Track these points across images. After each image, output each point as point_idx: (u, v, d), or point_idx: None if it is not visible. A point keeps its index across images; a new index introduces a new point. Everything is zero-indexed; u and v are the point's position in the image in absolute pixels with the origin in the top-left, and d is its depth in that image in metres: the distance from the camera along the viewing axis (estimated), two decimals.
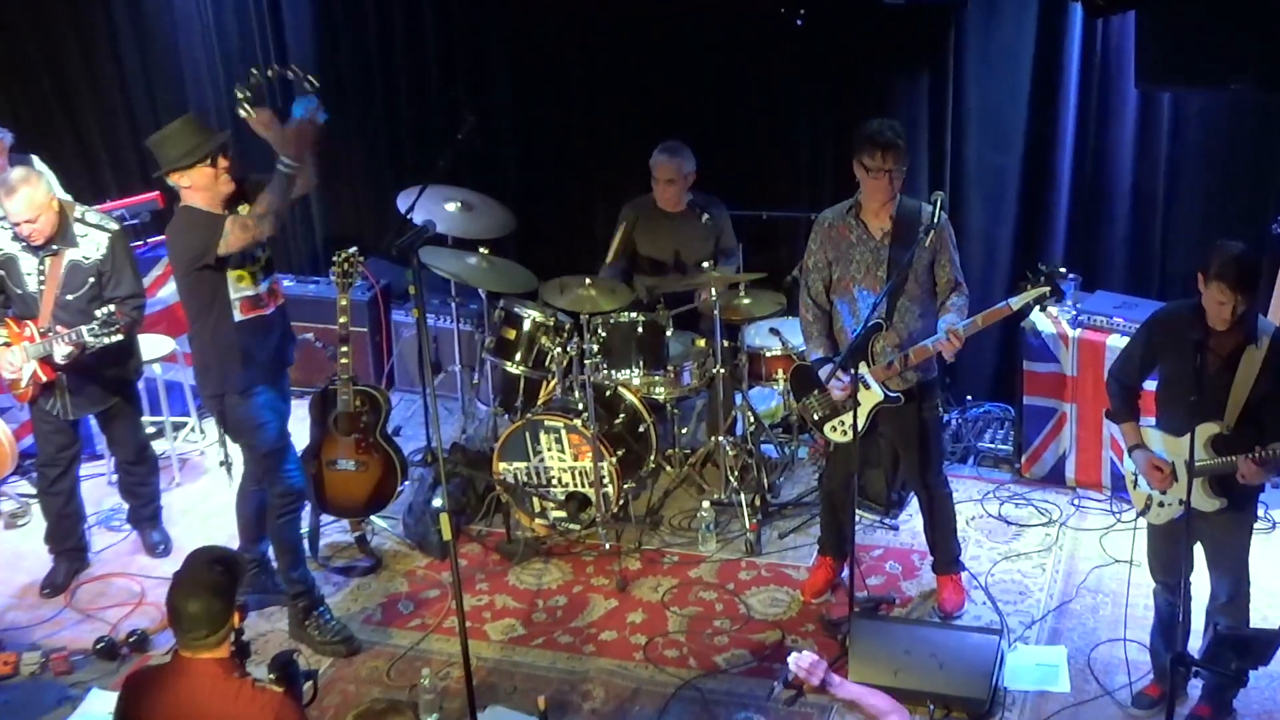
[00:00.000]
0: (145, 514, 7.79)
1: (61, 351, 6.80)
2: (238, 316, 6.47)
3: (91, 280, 6.96)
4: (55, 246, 6.91)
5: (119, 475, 7.82)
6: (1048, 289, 6.25)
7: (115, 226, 7.10)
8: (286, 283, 9.39)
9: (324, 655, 6.81)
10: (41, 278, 6.93)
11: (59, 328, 6.84)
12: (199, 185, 6.32)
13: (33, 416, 7.34)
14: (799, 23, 8.20)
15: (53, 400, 7.15)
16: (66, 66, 10.16)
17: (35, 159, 8.25)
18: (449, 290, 8.73)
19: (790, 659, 5.34)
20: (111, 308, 6.77)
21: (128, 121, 10.22)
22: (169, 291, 8.92)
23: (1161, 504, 5.83)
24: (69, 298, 6.94)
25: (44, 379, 7.02)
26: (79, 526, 7.63)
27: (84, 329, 6.70)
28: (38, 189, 6.78)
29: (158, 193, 9.19)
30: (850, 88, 8.53)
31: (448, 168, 7.77)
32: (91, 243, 6.97)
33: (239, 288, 6.45)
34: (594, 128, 9.21)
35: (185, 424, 8.95)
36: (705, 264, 7.95)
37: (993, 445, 8.46)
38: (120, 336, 6.76)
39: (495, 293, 8.35)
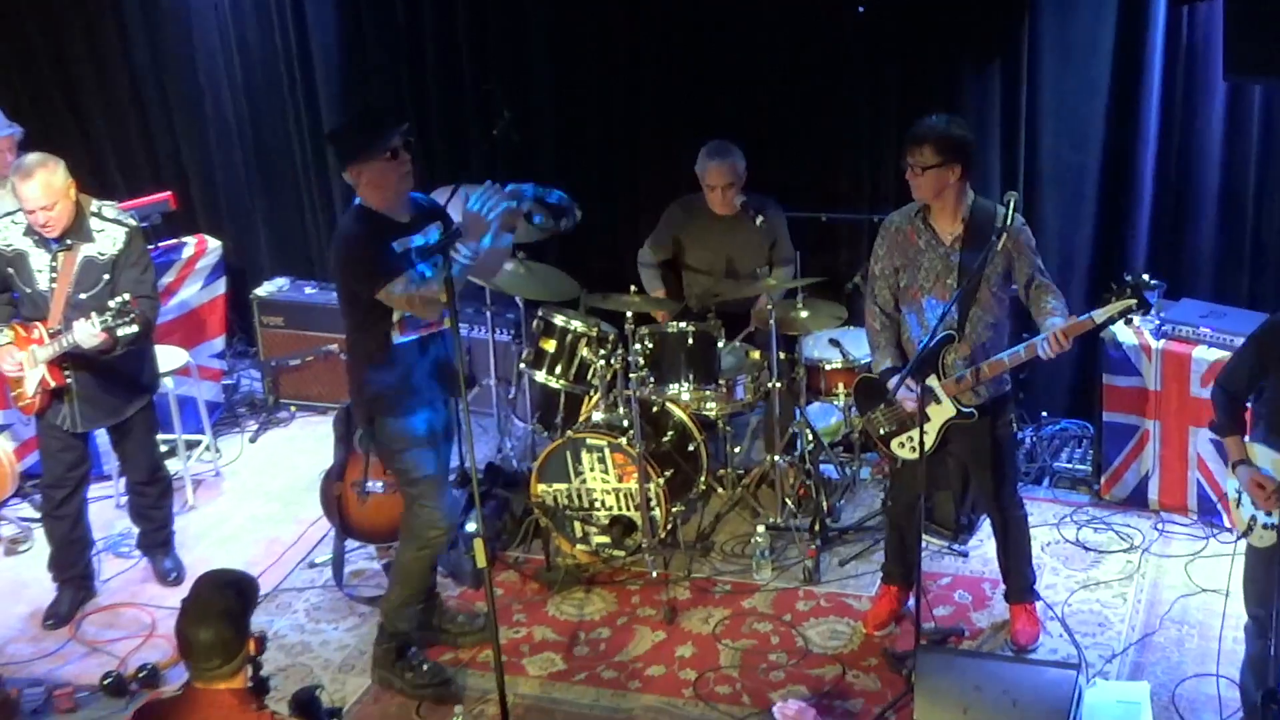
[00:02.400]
0: (157, 539, 7.82)
1: (90, 337, 6.72)
2: (396, 338, 6.42)
3: (106, 278, 7.01)
4: (69, 241, 6.97)
5: (129, 497, 7.86)
6: (1134, 301, 6.11)
7: (134, 223, 7.18)
8: (308, 289, 9.54)
9: (418, 698, 6.78)
10: (53, 275, 6.98)
11: (83, 319, 6.79)
12: (375, 182, 6.31)
13: (39, 432, 7.37)
14: (860, 10, 8.26)
15: (61, 412, 7.17)
16: (72, 59, 10.25)
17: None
18: (484, 298, 8.72)
19: (775, 709, 5.19)
20: (126, 296, 6.78)
21: (137, 117, 10.33)
22: (181, 299, 9.07)
23: (1266, 525, 5.85)
24: (82, 296, 6.98)
25: (53, 384, 7.04)
26: (85, 553, 7.64)
27: (95, 317, 6.67)
28: (55, 174, 6.85)
29: (169, 193, 9.33)
30: (915, 81, 8.53)
31: (482, 166, 7.87)
32: (108, 238, 7.03)
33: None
34: (640, 124, 9.23)
35: (199, 442, 9.00)
36: (759, 270, 7.98)
37: (1070, 465, 8.46)
38: (137, 328, 6.77)
39: (533, 301, 8.38)
